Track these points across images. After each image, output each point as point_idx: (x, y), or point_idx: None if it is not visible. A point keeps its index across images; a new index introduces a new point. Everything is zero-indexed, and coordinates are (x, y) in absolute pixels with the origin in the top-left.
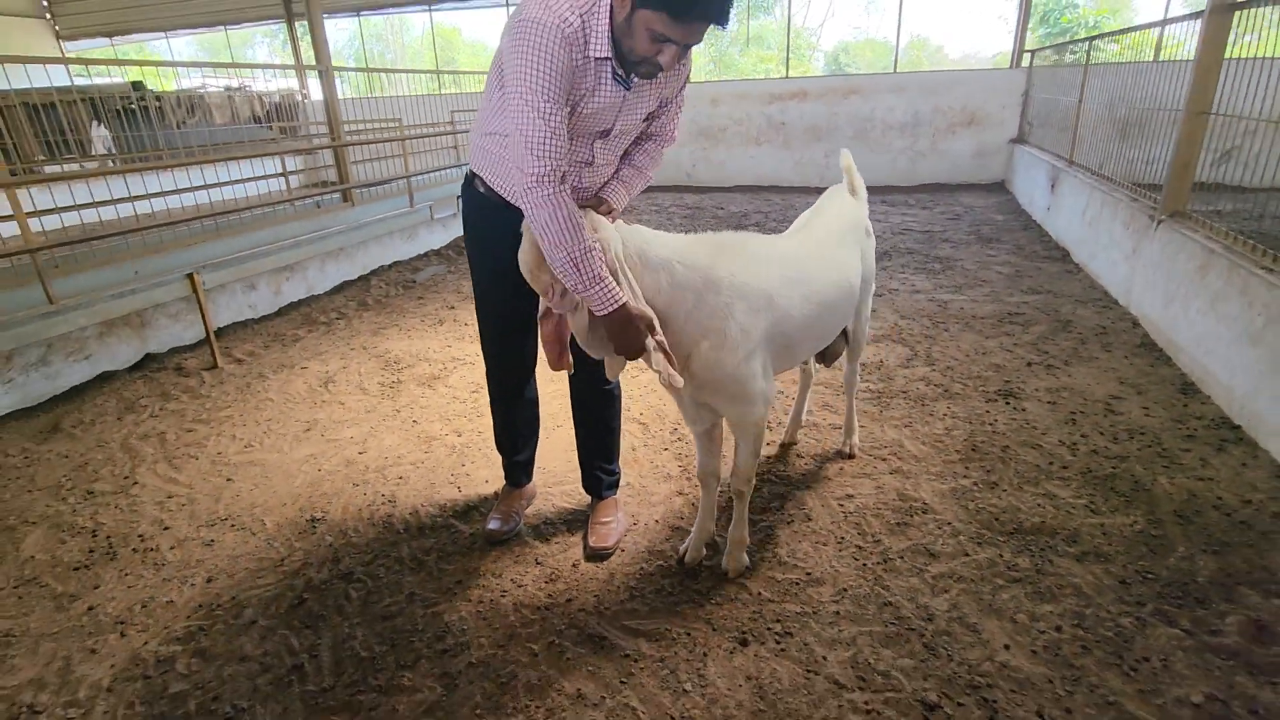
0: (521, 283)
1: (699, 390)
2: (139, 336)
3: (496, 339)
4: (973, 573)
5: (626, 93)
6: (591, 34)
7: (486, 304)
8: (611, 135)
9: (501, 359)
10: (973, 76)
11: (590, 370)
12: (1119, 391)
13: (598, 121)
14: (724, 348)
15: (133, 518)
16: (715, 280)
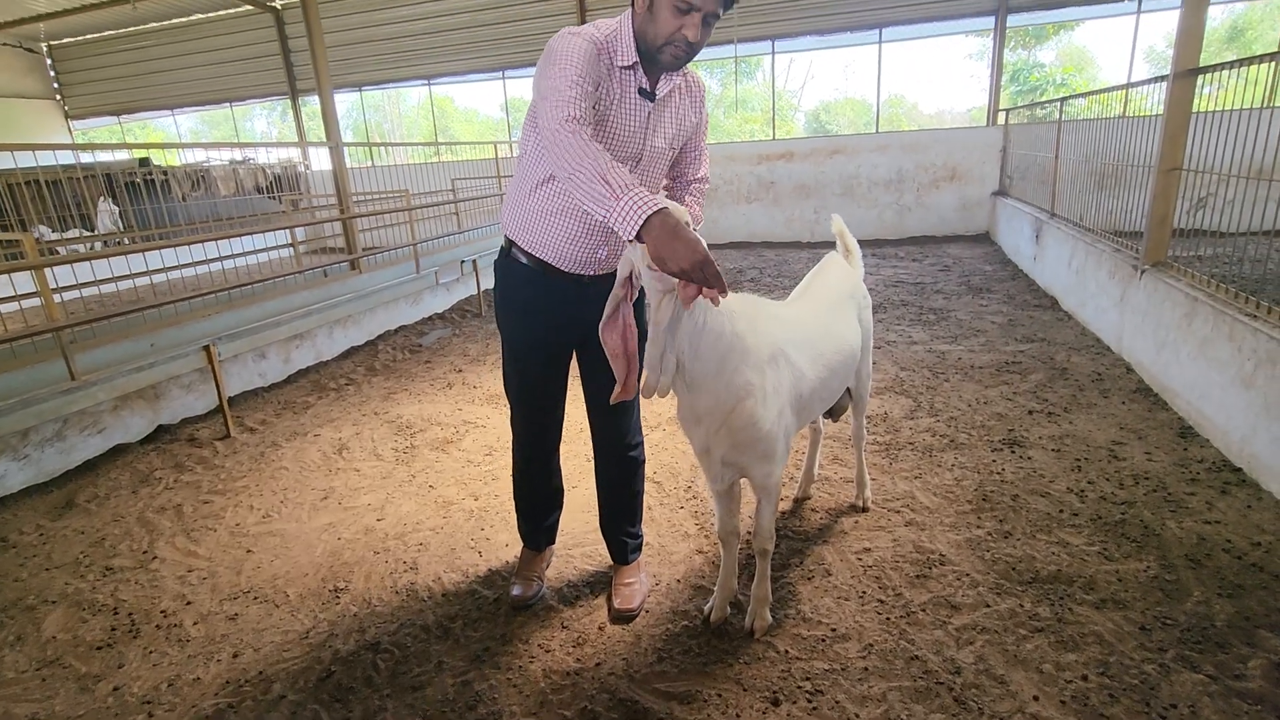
0: (555, 352)
1: (732, 449)
2: (152, 408)
3: (527, 409)
4: (995, 623)
5: (651, 106)
6: (617, 44)
7: (519, 373)
8: (641, 163)
9: (531, 428)
10: (951, 135)
11: (617, 433)
12: (1121, 437)
13: (626, 141)
14: (764, 404)
15: (154, 593)
16: (759, 338)
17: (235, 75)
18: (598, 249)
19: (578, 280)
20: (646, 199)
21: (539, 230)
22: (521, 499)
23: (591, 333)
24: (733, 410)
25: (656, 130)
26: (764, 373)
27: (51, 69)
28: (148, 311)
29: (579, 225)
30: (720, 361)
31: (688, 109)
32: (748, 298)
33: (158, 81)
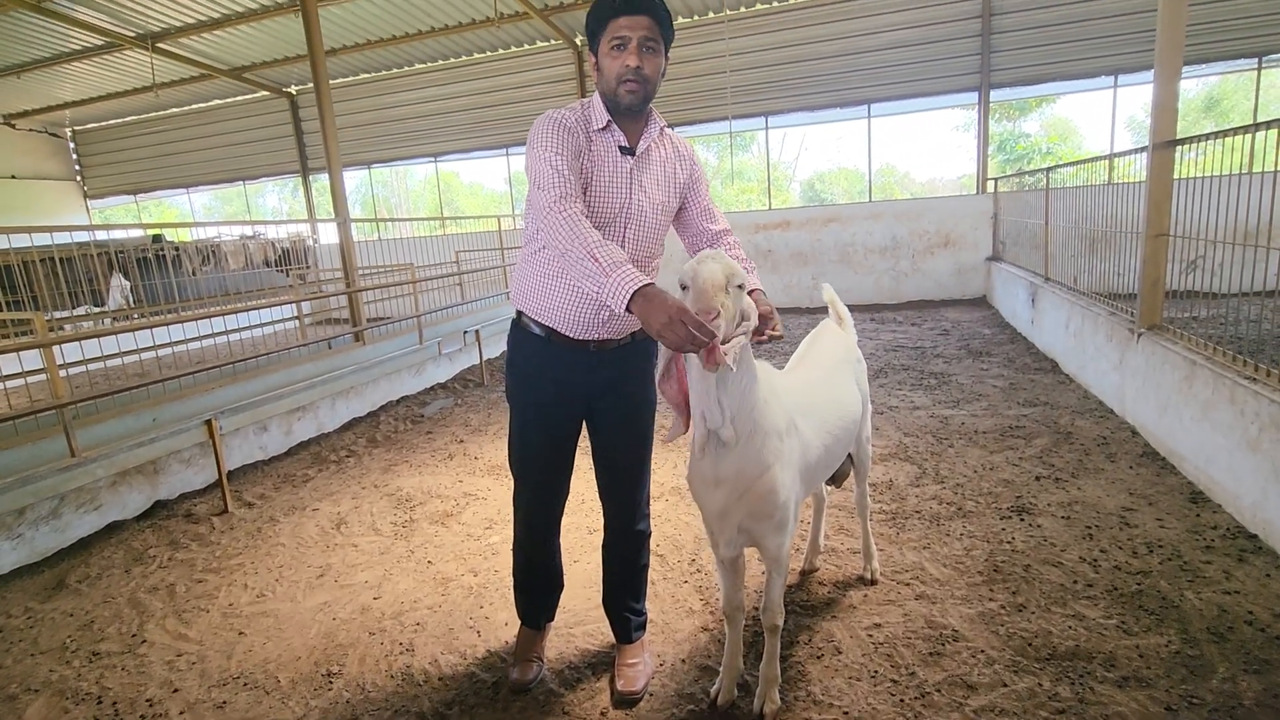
0: (561, 420)
1: (749, 516)
2: (150, 484)
3: (532, 479)
4: (1014, 705)
5: (633, 161)
6: (590, 113)
7: (524, 443)
8: (631, 223)
9: (535, 500)
10: (943, 203)
11: (629, 505)
12: (1130, 503)
13: (611, 198)
14: (785, 472)
15: (140, 680)
16: (780, 405)
17: (249, 155)
18: (599, 309)
19: (585, 348)
20: (633, 276)
21: (542, 295)
22: (521, 574)
23: (599, 402)
24: (758, 477)
25: (642, 186)
26: (784, 440)
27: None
28: (151, 386)
29: (574, 287)
30: (754, 425)
31: (675, 167)
32: (766, 368)
33: (174, 162)
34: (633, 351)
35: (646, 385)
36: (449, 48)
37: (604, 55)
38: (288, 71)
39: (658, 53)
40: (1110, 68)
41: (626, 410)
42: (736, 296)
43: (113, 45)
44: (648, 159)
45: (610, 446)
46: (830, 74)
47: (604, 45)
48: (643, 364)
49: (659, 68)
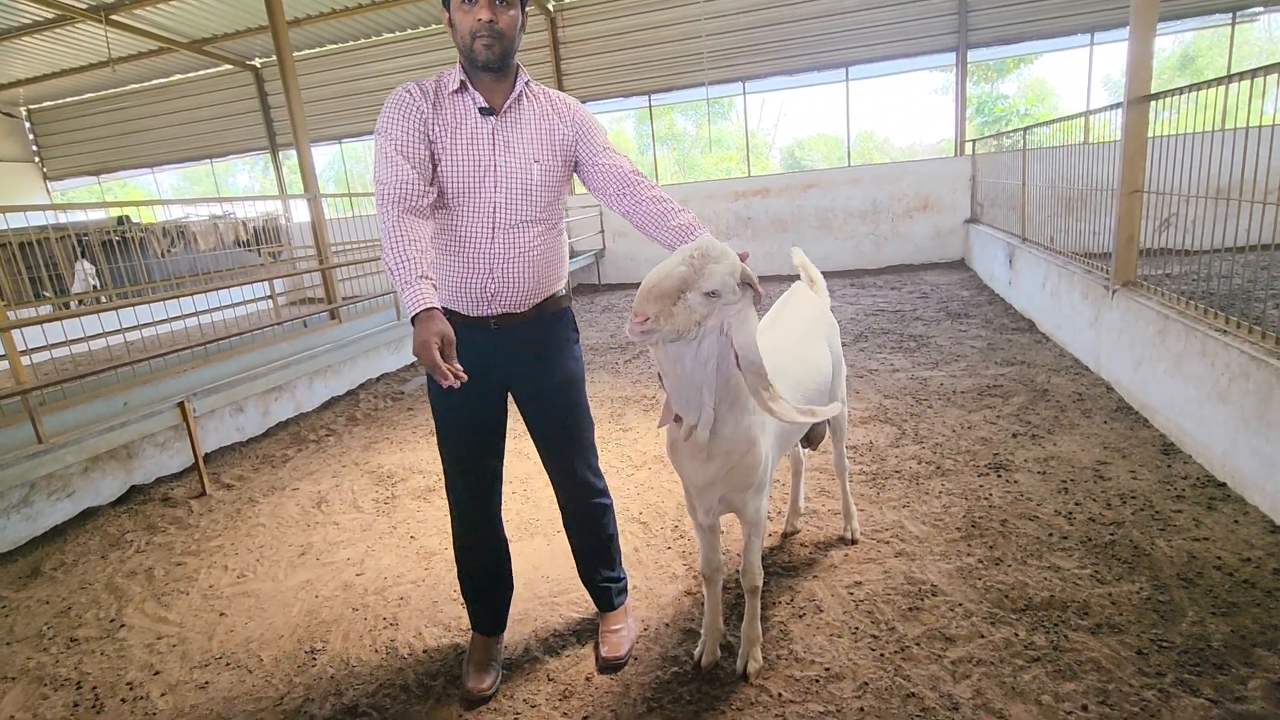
0: (475, 400)
1: (734, 488)
2: (125, 469)
3: (459, 469)
4: (991, 654)
5: (494, 121)
6: (444, 80)
7: (447, 431)
8: (500, 183)
9: (465, 491)
10: (921, 166)
11: (573, 476)
12: (1105, 457)
13: (474, 160)
14: (765, 437)
15: (120, 664)
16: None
17: (215, 132)
18: (483, 284)
19: (485, 326)
20: (419, 296)
21: (436, 269)
22: (465, 577)
23: (518, 384)
24: (746, 453)
25: (508, 146)
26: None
27: (30, 132)
28: (121, 370)
29: (454, 260)
30: (745, 405)
31: (554, 124)
32: None
33: (137, 141)
34: (541, 326)
35: (565, 360)
36: (418, 15)
37: (455, 10)
38: (251, 43)
39: (512, 4)
40: (1087, 25)
41: (547, 388)
42: (703, 303)
43: (65, 18)
44: (513, 118)
45: (540, 426)
46: (808, 36)
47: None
48: (556, 338)
49: (515, 21)
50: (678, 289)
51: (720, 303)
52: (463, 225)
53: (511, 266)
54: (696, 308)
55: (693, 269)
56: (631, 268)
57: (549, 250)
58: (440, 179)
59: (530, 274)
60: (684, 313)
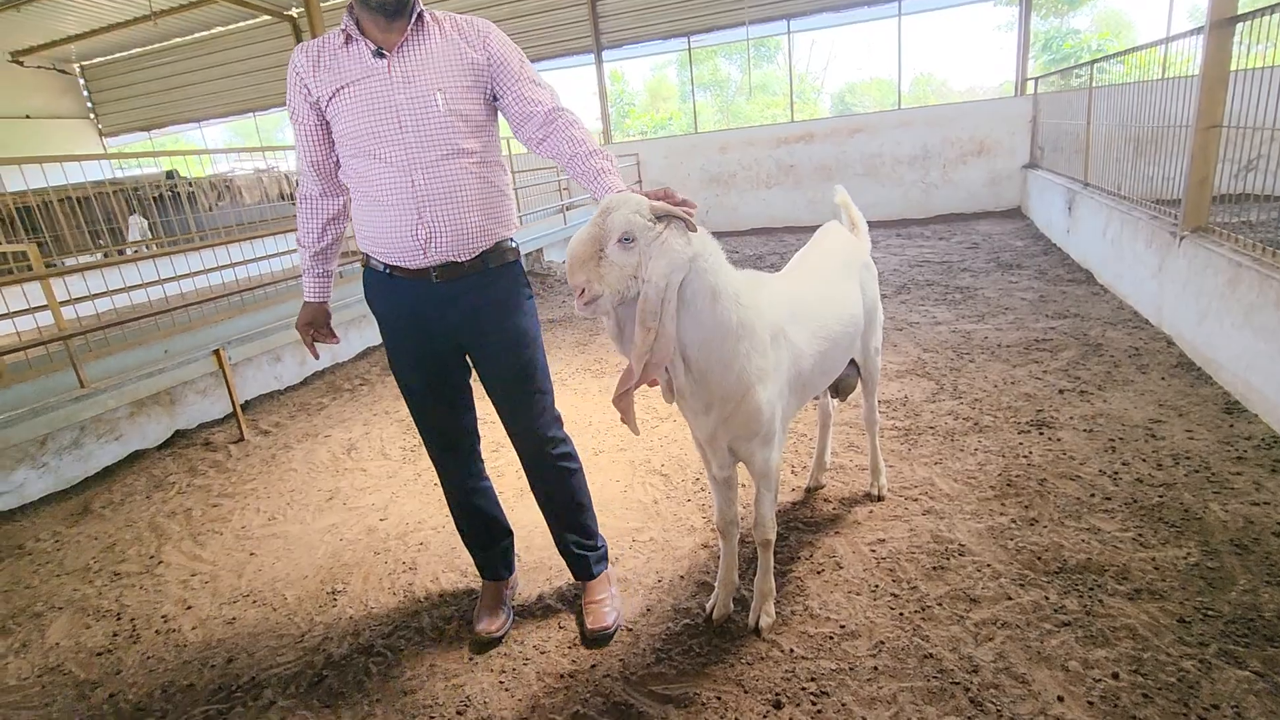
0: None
1: (738, 437)
2: (169, 414)
3: (426, 427)
4: (1017, 618)
5: (386, 59)
6: (332, 34)
7: (407, 391)
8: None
9: (437, 447)
10: (977, 107)
11: (529, 434)
12: (1159, 415)
13: (374, 106)
14: (770, 387)
15: (157, 598)
16: (763, 318)
17: (257, 85)
18: (413, 230)
19: (427, 279)
20: (311, 289)
21: (366, 226)
22: (459, 523)
23: (468, 339)
24: (743, 398)
25: (408, 82)
26: (767, 355)
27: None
28: (160, 319)
29: (381, 211)
30: (731, 352)
31: (461, 49)
32: (750, 276)
33: (184, 95)
34: (490, 280)
35: (518, 316)
36: None
37: None
38: None
39: None
40: None
41: (500, 347)
42: (622, 253)
43: None
44: (410, 50)
45: (492, 385)
46: None
47: None
48: (508, 293)
49: None
50: (593, 250)
51: (643, 246)
52: (381, 173)
53: (441, 207)
54: (620, 261)
55: (598, 226)
56: None
57: (484, 188)
58: (345, 135)
59: (463, 214)
60: (612, 270)
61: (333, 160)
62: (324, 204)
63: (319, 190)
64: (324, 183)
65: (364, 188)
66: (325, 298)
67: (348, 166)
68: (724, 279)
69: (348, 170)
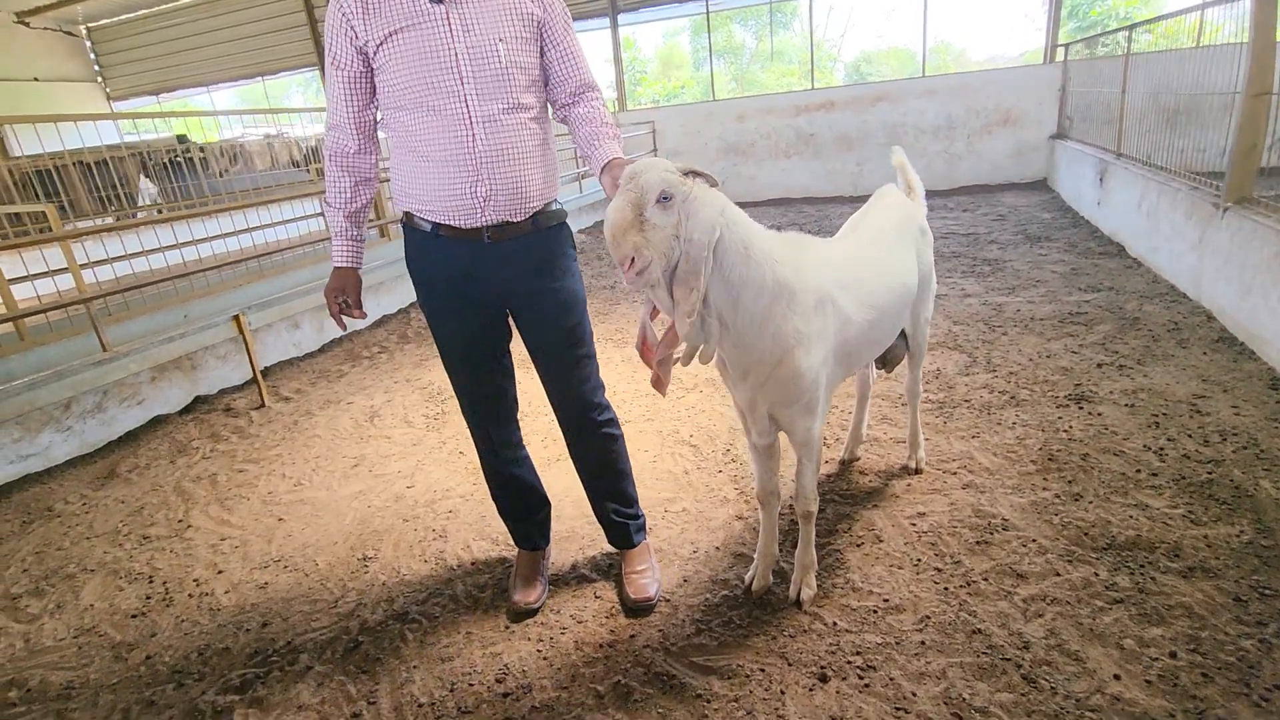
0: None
1: (777, 402)
2: (189, 379)
3: (468, 392)
4: (1067, 594)
5: (446, 5)
6: None
7: (448, 356)
8: (467, 73)
9: (478, 414)
10: (1004, 75)
11: (574, 400)
12: (1203, 390)
13: (432, 52)
14: (809, 355)
15: (188, 562)
16: (805, 281)
17: (264, 49)
18: (473, 188)
19: (479, 240)
20: (339, 251)
21: (414, 181)
22: (498, 498)
23: (516, 302)
24: (779, 362)
25: (466, 28)
26: (809, 320)
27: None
28: (179, 284)
29: (436, 168)
30: (765, 311)
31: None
32: (791, 238)
33: (191, 59)
34: (540, 241)
35: (567, 276)
36: None
37: None
38: None
39: None
40: None
41: (547, 308)
42: (663, 214)
43: None
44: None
45: (539, 349)
46: None
47: None
48: (557, 254)
49: None
50: (634, 214)
51: (680, 203)
52: (436, 128)
53: (501, 164)
54: (662, 222)
55: (633, 190)
56: None
57: (541, 146)
58: (395, 85)
59: (523, 171)
60: (656, 233)
61: (372, 113)
62: (359, 161)
63: (355, 146)
64: (362, 137)
65: (413, 143)
66: (358, 263)
67: (394, 120)
68: (754, 234)
69: (393, 124)
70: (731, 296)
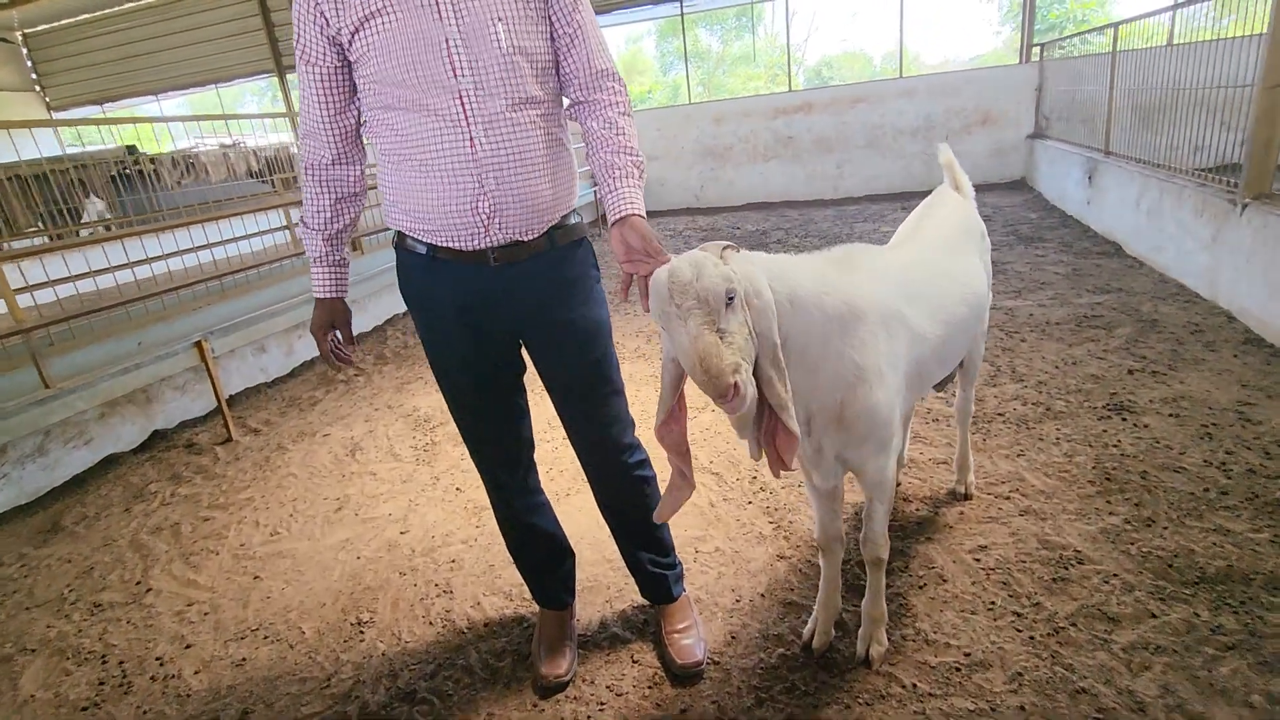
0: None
1: (847, 444)
2: (144, 414)
3: (477, 437)
4: (1171, 640)
5: None
6: None
7: (453, 397)
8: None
9: (490, 460)
10: (982, 75)
11: (600, 436)
12: (1246, 397)
13: (419, 37)
14: (879, 386)
15: (148, 635)
16: (859, 307)
17: (218, 55)
18: (474, 203)
19: (484, 262)
20: (318, 280)
21: (406, 198)
22: (514, 548)
23: (531, 334)
24: (842, 403)
25: (460, 10)
26: (875, 346)
27: (29, 59)
28: (132, 308)
29: (426, 179)
30: (819, 353)
31: None
32: (841, 255)
33: (139, 66)
34: (557, 263)
35: (589, 302)
36: None
37: None
38: None
39: None
40: None
41: (568, 340)
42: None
43: None
44: None
45: (561, 384)
46: None
47: None
48: (576, 275)
49: None
50: (711, 333)
51: (740, 296)
52: (428, 129)
53: (508, 172)
54: (735, 328)
55: (698, 307)
56: (664, 194)
57: (554, 148)
58: (376, 79)
59: (534, 180)
60: (735, 342)
61: (353, 115)
62: (338, 173)
63: (331, 155)
64: (340, 144)
65: (402, 148)
66: (343, 292)
67: (378, 121)
68: (799, 278)
69: (377, 126)
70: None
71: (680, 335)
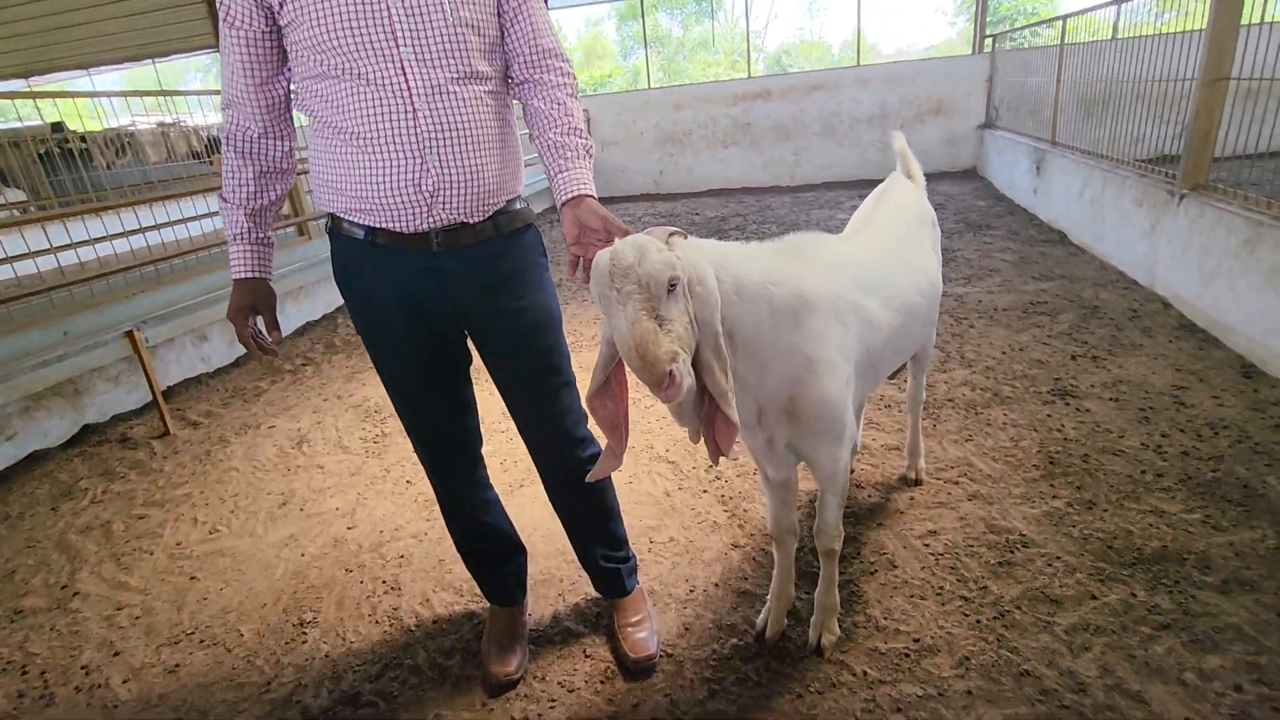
0: (427, 354)
1: (799, 436)
2: (73, 407)
3: (418, 430)
4: (1109, 621)
5: None
6: None
7: (392, 388)
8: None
9: (434, 453)
10: (935, 65)
11: (552, 430)
12: (1180, 381)
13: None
14: (831, 378)
15: (74, 642)
16: (810, 297)
17: (155, 28)
18: (416, 179)
19: (425, 246)
20: (237, 259)
21: (341, 177)
22: (461, 545)
23: (476, 323)
24: (792, 396)
25: None
26: (827, 337)
27: None
28: (57, 295)
29: (364, 155)
30: (768, 344)
31: None
32: (793, 244)
33: (67, 38)
34: (503, 249)
35: (537, 291)
36: None
37: None
38: None
39: None
40: None
41: (516, 331)
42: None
43: None
44: None
45: (509, 377)
46: None
47: None
48: (524, 263)
49: None
50: (655, 323)
51: (684, 282)
52: (366, 100)
53: (452, 148)
54: (676, 314)
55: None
56: (623, 180)
57: (501, 126)
58: (309, 45)
59: (480, 158)
60: (675, 329)
61: (282, 85)
62: (265, 147)
63: (259, 128)
64: (267, 117)
65: (338, 120)
66: (266, 273)
67: (309, 91)
68: (745, 268)
69: (309, 98)
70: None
71: (619, 319)
